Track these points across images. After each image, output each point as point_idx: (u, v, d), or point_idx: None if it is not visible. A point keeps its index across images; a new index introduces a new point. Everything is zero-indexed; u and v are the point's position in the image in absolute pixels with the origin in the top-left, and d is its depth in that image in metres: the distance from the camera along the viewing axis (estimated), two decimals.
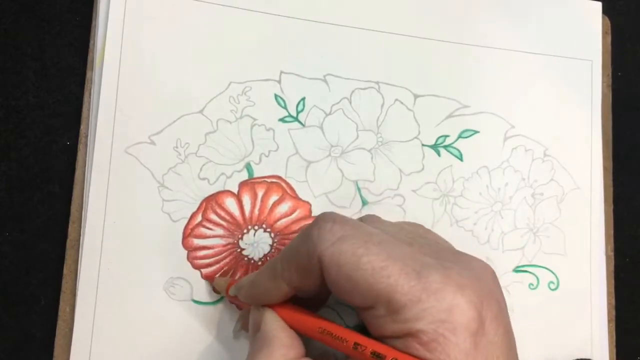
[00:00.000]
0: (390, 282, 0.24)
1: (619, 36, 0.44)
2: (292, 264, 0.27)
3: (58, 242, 0.34)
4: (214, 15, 0.36)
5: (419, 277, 0.24)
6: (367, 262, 0.25)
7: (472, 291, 0.24)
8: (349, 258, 0.25)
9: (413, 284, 0.24)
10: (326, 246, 0.25)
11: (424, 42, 0.39)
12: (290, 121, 0.37)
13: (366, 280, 0.25)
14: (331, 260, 0.25)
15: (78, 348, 0.33)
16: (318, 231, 0.26)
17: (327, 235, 0.26)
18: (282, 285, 0.28)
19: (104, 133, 0.34)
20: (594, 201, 0.41)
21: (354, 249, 0.25)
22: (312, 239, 0.26)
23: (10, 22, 0.36)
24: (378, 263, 0.25)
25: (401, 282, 0.24)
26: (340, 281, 0.25)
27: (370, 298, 0.25)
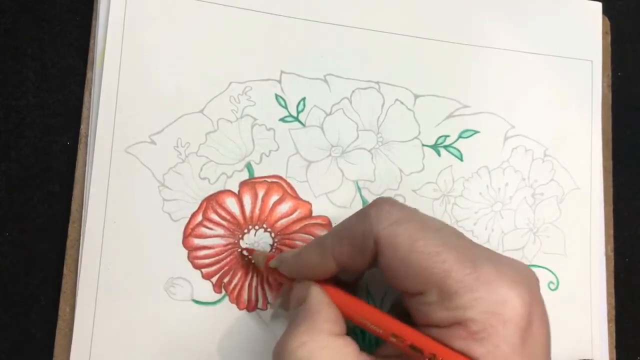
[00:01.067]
0: (445, 267, 0.24)
1: (619, 36, 0.44)
2: (344, 241, 0.27)
3: (58, 242, 0.34)
4: (214, 15, 0.37)
5: (474, 267, 0.24)
6: (423, 245, 0.25)
7: (524, 289, 0.25)
8: (405, 240, 0.25)
9: (468, 272, 0.24)
10: (384, 226, 0.26)
11: (424, 42, 0.39)
12: (290, 121, 0.37)
13: (420, 264, 0.25)
14: (387, 241, 0.25)
15: (78, 348, 0.33)
16: (377, 212, 0.26)
17: (386, 216, 0.26)
18: (330, 262, 0.28)
19: (104, 133, 0.34)
20: (594, 201, 0.41)
21: (411, 232, 0.25)
22: (370, 218, 0.26)
23: (10, 22, 0.36)
24: (434, 248, 0.25)
25: (455, 269, 0.24)
26: (395, 263, 0.25)
27: (423, 283, 0.25)
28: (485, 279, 0.24)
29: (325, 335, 0.26)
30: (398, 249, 0.25)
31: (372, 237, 0.26)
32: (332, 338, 0.26)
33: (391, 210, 0.26)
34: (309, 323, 0.27)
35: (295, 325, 0.27)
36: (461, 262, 0.24)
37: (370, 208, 0.27)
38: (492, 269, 0.24)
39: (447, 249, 0.25)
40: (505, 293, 0.24)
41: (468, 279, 0.24)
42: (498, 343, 0.24)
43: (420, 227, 0.26)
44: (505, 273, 0.25)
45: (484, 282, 0.24)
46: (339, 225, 0.28)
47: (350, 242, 0.27)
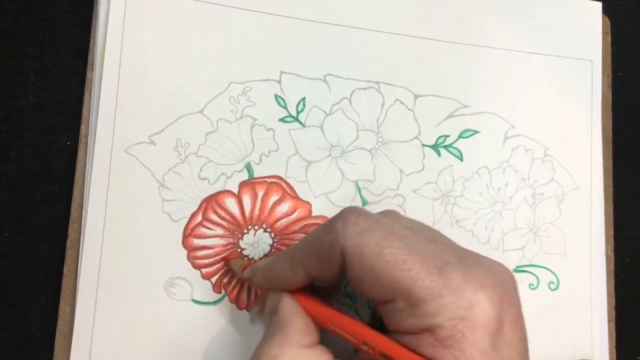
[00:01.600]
0: (412, 275, 0.24)
1: (619, 36, 0.44)
2: (312, 252, 0.27)
3: (58, 242, 0.34)
4: (214, 15, 0.36)
5: (440, 273, 0.24)
6: (389, 254, 0.25)
7: (493, 291, 0.24)
8: (371, 250, 0.25)
9: (434, 278, 0.24)
10: (349, 237, 0.26)
11: (424, 42, 0.39)
12: (290, 121, 0.37)
13: (387, 273, 0.25)
14: (354, 251, 0.25)
15: (78, 348, 0.33)
16: (342, 223, 0.26)
17: (351, 227, 0.26)
18: (300, 273, 0.28)
19: (104, 133, 0.34)
20: (594, 201, 0.41)
21: (377, 241, 0.25)
22: (336, 230, 0.26)
23: (10, 22, 0.36)
24: (400, 256, 0.25)
25: (422, 276, 0.24)
26: (362, 273, 0.25)
27: (390, 291, 0.25)
28: (453, 284, 0.24)
29: (296, 347, 0.26)
30: (364, 258, 0.25)
31: (338, 248, 0.26)
32: (303, 350, 0.26)
33: (357, 221, 0.26)
34: (280, 335, 0.27)
35: (268, 337, 0.27)
36: (427, 268, 0.24)
37: (336, 219, 0.27)
38: (460, 274, 0.24)
39: (414, 256, 0.25)
40: (473, 297, 0.24)
41: (435, 285, 0.24)
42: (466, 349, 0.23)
43: (387, 235, 0.25)
44: (474, 277, 0.24)
45: (451, 287, 0.24)
46: (308, 236, 0.28)
47: (318, 253, 0.27)
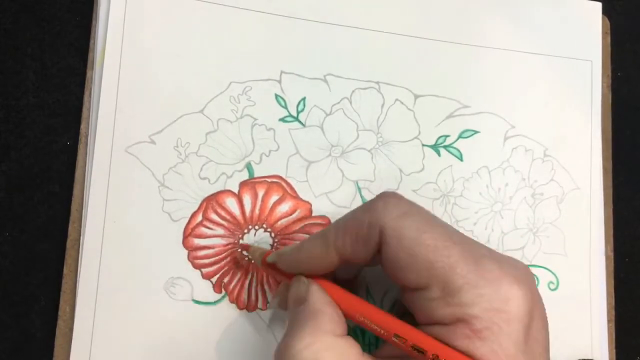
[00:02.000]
0: (451, 261, 0.24)
1: (619, 36, 0.44)
2: (348, 232, 0.27)
3: (58, 242, 0.34)
4: (214, 15, 0.36)
5: (477, 264, 0.24)
6: (429, 238, 0.25)
7: (526, 286, 0.25)
8: (412, 233, 0.25)
9: (472, 268, 0.24)
10: (391, 217, 0.26)
11: (424, 42, 0.39)
12: (290, 121, 0.37)
13: (426, 257, 0.24)
14: (394, 232, 0.25)
15: (78, 348, 0.33)
16: (384, 204, 0.26)
17: (393, 208, 0.26)
18: (332, 254, 0.28)
19: (104, 133, 0.34)
20: (593, 201, 0.41)
21: (418, 225, 0.25)
22: (377, 209, 0.26)
23: (10, 22, 0.36)
24: (441, 242, 0.25)
25: (461, 265, 0.24)
26: (400, 255, 0.25)
27: (427, 277, 0.25)
28: (489, 276, 0.24)
29: (329, 336, 0.26)
30: (404, 240, 0.25)
31: (377, 227, 0.26)
32: (336, 339, 0.26)
33: (399, 203, 0.26)
34: (312, 324, 0.26)
35: (299, 326, 0.26)
36: (465, 258, 0.24)
37: (377, 200, 0.27)
38: (496, 266, 0.24)
39: (453, 243, 0.25)
40: (509, 290, 0.24)
41: (472, 275, 0.24)
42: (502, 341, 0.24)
43: (427, 221, 0.26)
44: (508, 271, 0.25)
45: (487, 279, 0.24)
46: (342, 217, 0.28)
47: (355, 232, 0.27)
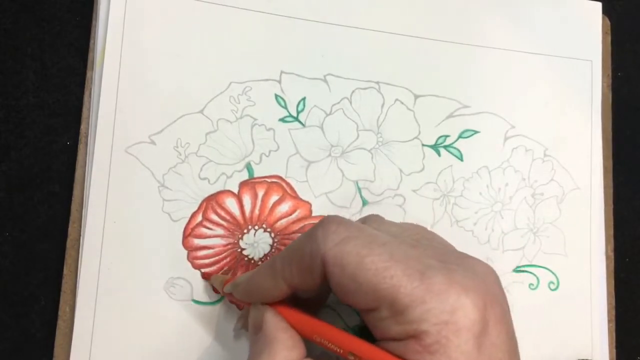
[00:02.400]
0: (394, 282, 0.24)
1: (619, 36, 0.44)
2: (293, 263, 0.27)
3: (58, 242, 0.34)
4: (214, 15, 0.36)
5: (422, 279, 0.24)
6: (370, 262, 0.25)
7: (476, 293, 0.24)
8: (352, 258, 0.25)
9: (416, 284, 0.24)
10: (330, 246, 0.25)
11: (424, 42, 0.39)
12: (290, 121, 0.37)
13: (369, 281, 0.24)
14: (335, 260, 0.25)
15: (78, 348, 0.33)
16: (323, 232, 0.26)
17: (332, 236, 0.26)
18: (281, 284, 0.28)
19: (104, 133, 0.34)
20: (594, 201, 0.41)
21: (358, 249, 0.25)
22: (317, 239, 0.26)
23: (10, 22, 0.36)
24: (381, 264, 0.25)
25: (404, 283, 0.24)
26: (344, 281, 0.25)
27: (374, 299, 0.25)
28: (436, 289, 0.24)
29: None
30: (346, 268, 0.25)
31: (319, 257, 0.26)
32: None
33: (338, 230, 0.26)
34: (267, 353, 0.27)
35: (255, 354, 0.27)
36: (409, 275, 0.24)
37: (316, 228, 0.27)
38: (442, 278, 0.24)
39: (395, 263, 0.25)
40: (456, 301, 0.24)
41: (417, 291, 0.24)
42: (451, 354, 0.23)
43: (367, 243, 0.25)
44: (456, 280, 0.24)
45: (434, 293, 0.24)
46: (289, 246, 0.28)
47: (299, 263, 0.27)
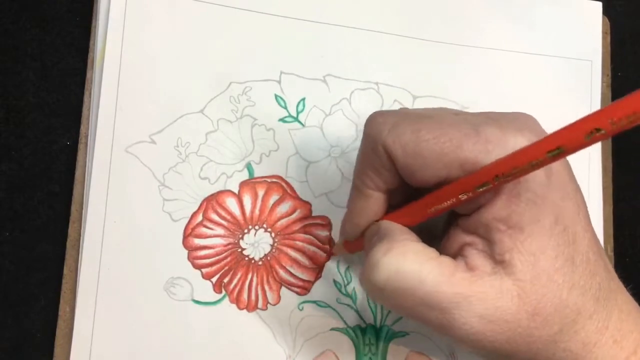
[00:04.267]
0: (454, 143, 0.25)
1: (619, 36, 0.44)
2: (367, 170, 0.28)
3: (58, 242, 0.34)
4: (214, 15, 0.37)
5: (478, 134, 0.25)
6: (426, 132, 0.26)
7: (529, 131, 0.25)
8: (409, 136, 0.26)
9: (475, 140, 0.25)
10: (385, 135, 0.26)
11: (423, 43, 0.39)
12: (290, 121, 0.37)
13: (432, 150, 0.25)
14: (394, 144, 0.26)
15: (78, 348, 0.33)
16: (373, 126, 0.27)
17: (382, 126, 0.27)
18: (374, 195, 0.29)
19: (104, 133, 0.34)
20: (593, 201, 0.41)
21: (411, 127, 0.26)
22: (371, 135, 0.27)
23: (10, 22, 0.36)
24: (437, 131, 0.25)
25: (464, 142, 0.25)
26: (409, 161, 0.26)
27: (442, 166, 0.25)
28: (493, 138, 0.25)
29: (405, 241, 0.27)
30: (406, 146, 0.26)
31: (381, 150, 0.27)
32: (413, 243, 0.27)
33: (385, 120, 0.27)
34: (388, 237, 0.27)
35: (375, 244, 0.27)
36: (465, 134, 0.25)
37: (366, 127, 0.28)
38: (494, 129, 0.25)
39: (448, 127, 0.26)
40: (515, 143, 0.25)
41: (478, 145, 0.25)
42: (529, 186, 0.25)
43: (417, 120, 0.26)
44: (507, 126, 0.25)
45: (493, 142, 0.25)
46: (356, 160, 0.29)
47: (371, 167, 0.28)
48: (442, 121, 0.26)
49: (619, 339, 0.26)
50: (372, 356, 0.35)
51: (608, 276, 0.27)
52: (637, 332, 0.27)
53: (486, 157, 0.25)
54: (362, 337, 0.35)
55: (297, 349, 0.35)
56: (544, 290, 0.25)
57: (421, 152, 0.26)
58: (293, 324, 0.35)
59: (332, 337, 0.35)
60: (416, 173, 0.26)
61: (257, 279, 0.35)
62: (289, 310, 0.35)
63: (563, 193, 0.26)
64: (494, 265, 0.26)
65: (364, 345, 0.35)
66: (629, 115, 0.20)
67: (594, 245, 0.27)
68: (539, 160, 0.23)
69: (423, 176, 0.26)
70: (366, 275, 0.27)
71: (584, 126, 0.21)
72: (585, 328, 0.26)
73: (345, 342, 0.35)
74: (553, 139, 0.22)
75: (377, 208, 0.29)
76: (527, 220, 0.25)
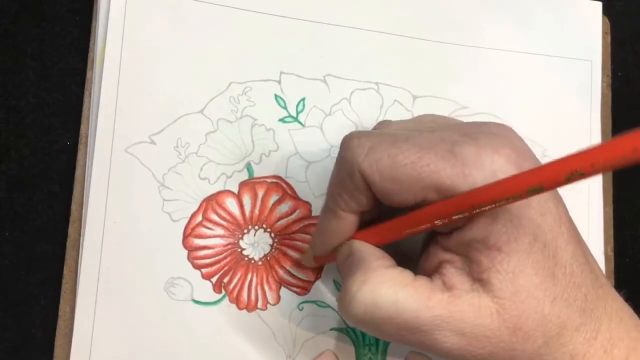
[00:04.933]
0: (431, 168, 0.25)
1: (619, 36, 0.44)
2: (340, 192, 0.28)
3: (58, 242, 0.34)
4: (214, 15, 0.37)
5: (455, 156, 0.25)
6: (403, 158, 0.25)
7: (506, 149, 0.25)
8: (385, 162, 0.26)
9: (452, 163, 0.25)
10: (362, 159, 0.26)
11: (423, 43, 0.39)
12: (290, 121, 0.37)
13: (409, 175, 0.25)
14: (371, 169, 0.26)
15: (78, 348, 0.33)
16: (349, 150, 0.27)
17: (359, 150, 0.26)
18: (345, 216, 0.28)
19: (104, 133, 0.34)
20: (593, 201, 0.41)
21: (387, 151, 0.26)
22: (347, 159, 0.27)
23: (10, 22, 0.36)
24: (413, 156, 0.25)
25: (441, 166, 0.25)
26: (386, 185, 0.26)
27: (419, 190, 0.25)
28: (470, 160, 0.25)
29: (380, 269, 0.27)
30: (383, 172, 0.26)
31: (357, 174, 0.26)
32: (387, 270, 0.27)
33: (361, 142, 0.27)
34: (362, 266, 0.27)
35: (351, 273, 0.27)
36: (442, 157, 0.25)
37: (342, 151, 0.27)
38: (471, 148, 0.25)
39: (425, 151, 0.25)
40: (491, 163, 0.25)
41: (456, 168, 0.25)
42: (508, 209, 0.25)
43: (393, 143, 0.26)
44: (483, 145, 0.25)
45: (470, 164, 0.25)
46: (330, 182, 0.29)
47: (346, 190, 0.27)
48: (419, 144, 0.26)
49: (609, 348, 0.26)
50: (372, 356, 0.35)
51: (596, 285, 0.27)
52: (629, 339, 0.27)
53: (463, 181, 0.24)
54: (362, 337, 0.35)
55: (297, 349, 0.35)
56: (523, 306, 0.25)
57: (399, 177, 0.25)
58: (293, 324, 0.35)
59: (332, 337, 0.35)
60: (393, 196, 0.26)
61: (256, 279, 0.35)
62: (289, 310, 0.35)
63: (543, 209, 0.26)
64: (472, 283, 0.26)
65: (363, 345, 0.35)
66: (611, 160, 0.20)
67: (579, 256, 0.26)
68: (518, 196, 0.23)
69: (400, 199, 0.26)
70: (344, 307, 0.27)
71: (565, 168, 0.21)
72: (572, 340, 0.26)
73: (345, 342, 0.35)
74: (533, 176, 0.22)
75: (349, 228, 0.29)
76: (505, 240, 0.25)
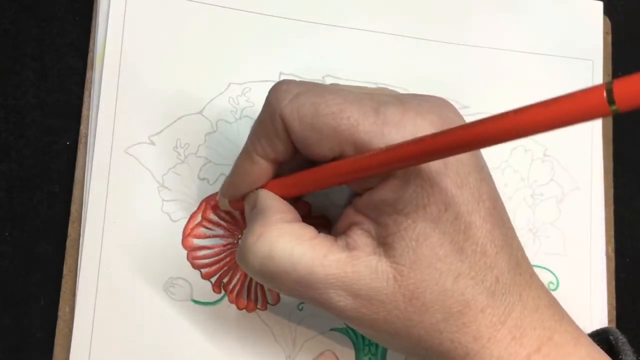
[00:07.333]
0: (351, 122, 0.25)
1: (620, 36, 0.44)
2: (259, 135, 0.27)
3: (58, 242, 0.34)
4: (213, 15, 0.37)
5: (377, 114, 0.25)
6: (325, 107, 0.25)
7: (433, 115, 0.25)
8: (307, 109, 0.25)
9: (372, 120, 0.25)
10: (285, 104, 0.26)
11: (423, 43, 0.39)
12: None
13: (328, 125, 0.25)
14: (292, 115, 0.26)
15: (78, 348, 0.33)
16: (275, 94, 0.27)
17: (284, 94, 0.26)
18: (260, 162, 0.28)
19: (104, 133, 0.34)
20: (593, 201, 0.41)
21: (311, 100, 0.25)
22: (271, 103, 0.26)
23: (10, 22, 0.36)
24: (336, 107, 0.25)
25: (361, 121, 0.25)
26: (305, 133, 0.26)
27: (336, 143, 0.25)
28: (392, 120, 0.24)
29: (280, 223, 0.27)
30: (303, 118, 0.25)
31: (278, 118, 0.26)
32: (288, 224, 0.27)
33: (289, 88, 0.26)
34: (261, 218, 0.27)
35: (251, 224, 0.27)
36: (364, 113, 0.25)
37: (269, 94, 0.27)
38: (396, 109, 0.25)
39: (349, 104, 0.25)
40: (413, 127, 0.24)
41: (375, 126, 0.24)
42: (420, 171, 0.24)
43: (320, 93, 0.26)
44: (410, 108, 0.25)
45: (391, 124, 0.24)
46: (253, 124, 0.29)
47: (264, 133, 0.27)
48: (344, 97, 0.25)
49: (517, 335, 0.25)
50: (372, 356, 0.35)
51: (514, 271, 0.26)
52: (542, 329, 0.26)
53: (381, 140, 0.24)
54: (362, 337, 0.35)
55: (297, 349, 0.35)
56: (423, 276, 0.25)
57: (318, 125, 0.25)
58: (293, 324, 0.35)
59: (332, 337, 0.35)
60: (312, 147, 0.26)
61: None
62: (289, 310, 0.35)
63: (462, 181, 0.25)
64: (376, 246, 0.25)
65: (363, 345, 0.35)
66: None
67: (497, 238, 0.26)
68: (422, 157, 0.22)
69: (318, 150, 0.26)
70: (241, 257, 0.27)
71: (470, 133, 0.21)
72: (477, 321, 0.25)
73: (345, 342, 0.35)
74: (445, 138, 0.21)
75: (261, 175, 0.29)
76: (414, 206, 0.24)
